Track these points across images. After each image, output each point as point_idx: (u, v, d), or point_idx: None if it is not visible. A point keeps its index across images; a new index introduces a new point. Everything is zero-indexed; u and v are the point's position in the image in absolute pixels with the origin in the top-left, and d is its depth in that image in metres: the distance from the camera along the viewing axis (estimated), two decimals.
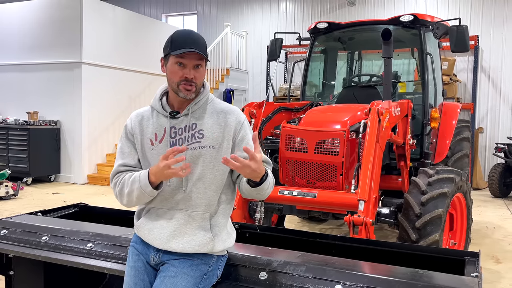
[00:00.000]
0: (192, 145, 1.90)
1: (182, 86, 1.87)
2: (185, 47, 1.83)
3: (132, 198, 1.90)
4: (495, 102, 9.79)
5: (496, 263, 4.54)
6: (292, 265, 2.01)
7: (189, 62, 1.85)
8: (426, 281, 1.84)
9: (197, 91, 1.91)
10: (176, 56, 1.84)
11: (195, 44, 1.84)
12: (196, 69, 1.87)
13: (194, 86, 1.88)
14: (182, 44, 1.83)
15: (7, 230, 2.54)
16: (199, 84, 1.90)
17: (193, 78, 1.86)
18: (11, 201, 7.28)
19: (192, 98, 1.91)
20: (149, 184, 1.83)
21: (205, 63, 1.91)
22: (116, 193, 1.97)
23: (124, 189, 1.91)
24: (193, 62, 1.85)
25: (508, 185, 8.35)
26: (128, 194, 1.90)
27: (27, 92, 9.57)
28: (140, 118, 2.00)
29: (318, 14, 11.47)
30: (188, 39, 1.85)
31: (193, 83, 1.87)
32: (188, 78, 1.86)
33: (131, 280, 1.91)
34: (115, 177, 1.98)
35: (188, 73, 1.86)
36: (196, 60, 1.85)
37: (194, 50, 1.82)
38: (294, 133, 3.74)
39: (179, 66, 1.86)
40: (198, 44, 1.85)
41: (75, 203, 3.27)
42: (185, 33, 1.89)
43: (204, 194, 1.91)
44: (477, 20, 9.85)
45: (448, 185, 3.56)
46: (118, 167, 1.98)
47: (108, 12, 9.61)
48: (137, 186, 1.86)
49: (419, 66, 4.79)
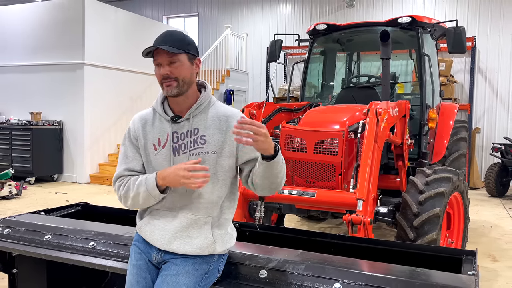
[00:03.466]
0: (195, 151, 1.90)
1: (164, 84, 1.87)
2: (152, 48, 1.83)
3: (138, 201, 1.90)
4: (492, 102, 9.82)
5: (493, 261, 4.56)
6: (292, 263, 2.02)
7: (163, 60, 1.84)
8: (424, 279, 1.84)
9: (181, 86, 1.86)
10: (153, 59, 1.86)
11: (165, 42, 1.83)
12: (172, 64, 1.84)
13: (174, 80, 1.85)
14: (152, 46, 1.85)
15: (10, 229, 2.55)
16: (181, 77, 1.85)
17: (169, 73, 1.84)
18: (15, 200, 7.31)
19: (176, 95, 1.87)
20: (157, 187, 1.84)
21: (186, 57, 1.87)
22: (120, 196, 1.96)
23: (130, 192, 1.91)
24: (166, 59, 1.84)
25: (505, 184, 8.38)
26: (133, 197, 1.90)
27: (30, 93, 9.60)
28: (143, 122, 1.99)
29: (317, 16, 11.50)
30: (158, 40, 1.86)
31: (171, 79, 1.84)
32: (164, 75, 1.85)
33: (133, 278, 1.92)
34: (118, 180, 1.97)
35: (163, 70, 1.85)
36: (167, 56, 1.83)
37: (157, 47, 1.81)
38: (293, 133, 3.77)
39: (157, 67, 1.87)
40: (168, 41, 1.83)
41: (78, 202, 3.28)
42: (159, 36, 1.88)
43: (207, 199, 1.91)
44: (474, 22, 9.88)
45: (445, 184, 3.57)
46: (123, 171, 1.97)
47: (110, 14, 9.65)
48: (143, 190, 1.86)
49: (417, 67, 4.81)
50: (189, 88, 1.91)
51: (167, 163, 1.92)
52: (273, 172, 1.85)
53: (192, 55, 1.90)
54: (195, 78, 1.95)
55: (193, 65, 1.91)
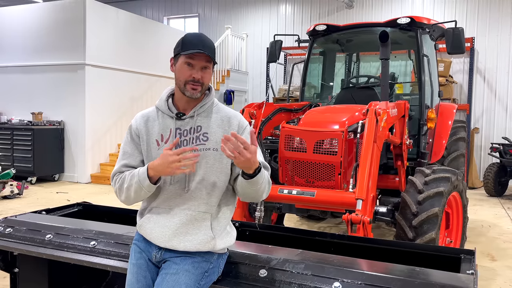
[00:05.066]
0: (197, 147, 1.93)
1: (189, 86, 1.91)
2: (195, 48, 1.88)
3: (130, 193, 1.92)
4: (490, 103, 9.84)
5: (491, 260, 4.58)
6: (292, 262, 2.03)
7: (198, 63, 1.90)
8: (422, 278, 1.85)
9: (203, 91, 1.95)
10: (185, 56, 1.90)
11: (204, 47, 1.90)
12: (203, 70, 1.92)
13: (200, 86, 1.92)
14: (193, 46, 1.89)
15: (12, 229, 2.56)
16: (206, 85, 1.95)
17: (200, 79, 1.91)
18: (16, 200, 7.33)
19: (197, 98, 1.95)
20: (147, 178, 1.86)
21: (212, 66, 1.96)
22: (115, 190, 2.00)
23: (124, 184, 1.94)
24: (201, 64, 1.91)
25: (503, 184, 8.41)
26: (126, 189, 1.92)
27: (31, 93, 9.63)
28: (145, 119, 2.03)
29: (316, 17, 11.53)
30: (199, 42, 1.91)
31: (200, 84, 1.92)
32: (196, 78, 1.90)
33: (134, 277, 1.94)
34: (116, 175, 2.01)
35: (196, 73, 1.91)
36: (204, 61, 1.91)
37: (203, 51, 1.88)
38: (293, 133, 3.78)
39: (188, 66, 1.91)
40: (208, 47, 1.91)
41: (79, 202, 3.29)
42: (196, 36, 1.94)
43: (206, 195, 1.94)
44: (472, 22, 9.90)
45: (444, 184, 3.58)
46: (120, 167, 2.01)
47: (111, 14, 9.67)
48: (135, 180, 1.88)
49: (416, 68, 4.82)
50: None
51: None
52: (251, 188, 1.89)
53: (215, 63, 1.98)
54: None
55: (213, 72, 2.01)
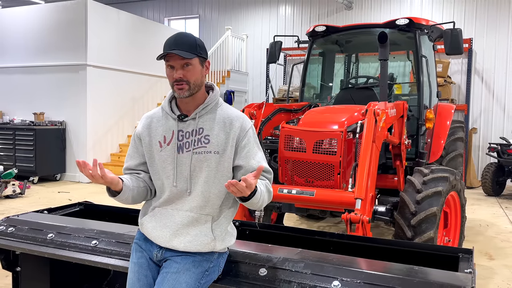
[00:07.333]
0: (198, 150, 1.94)
1: (175, 87, 1.90)
2: (166, 50, 1.87)
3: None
4: (488, 103, 9.87)
5: (489, 259, 4.60)
6: (291, 261, 2.04)
7: (176, 63, 1.87)
8: (421, 277, 1.86)
9: (192, 88, 1.91)
10: (165, 60, 1.90)
11: (177, 45, 1.85)
12: (185, 68, 1.88)
13: (186, 84, 1.89)
14: (166, 48, 1.88)
15: (14, 228, 2.57)
16: (193, 81, 1.90)
17: (183, 77, 1.88)
18: (18, 199, 7.35)
19: (186, 97, 1.91)
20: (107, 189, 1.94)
21: (198, 61, 1.91)
22: None
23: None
24: (179, 62, 1.87)
25: (501, 183, 8.43)
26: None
27: (33, 94, 9.65)
28: (149, 121, 2.04)
29: (316, 18, 11.55)
30: (172, 42, 1.88)
31: (184, 82, 1.88)
32: (176, 78, 1.88)
33: (135, 276, 1.95)
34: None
35: (176, 73, 1.89)
36: (181, 60, 1.86)
37: (173, 51, 1.84)
38: (293, 133, 3.79)
39: (170, 68, 1.90)
40: (181, 44, 1.86)
41: (80, 202, 3.31)
42: (171, 37, 1.90)
43: (208, 198, 1.94)
44: (470, 23, 9.93)
45: (442, 184, 3.60)
46: (123, 170, 2.08)
47: (112, 15, 9.70)
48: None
49: (415, 68, 4.83)
50: (199, 90, 1.95)
51: (171, 160, 1.96)
52: (247, 205, 1.88)
53: (203, 58, 1.94)
54: (204, 80, 1.99)
55: (203, 67, 1.95)
